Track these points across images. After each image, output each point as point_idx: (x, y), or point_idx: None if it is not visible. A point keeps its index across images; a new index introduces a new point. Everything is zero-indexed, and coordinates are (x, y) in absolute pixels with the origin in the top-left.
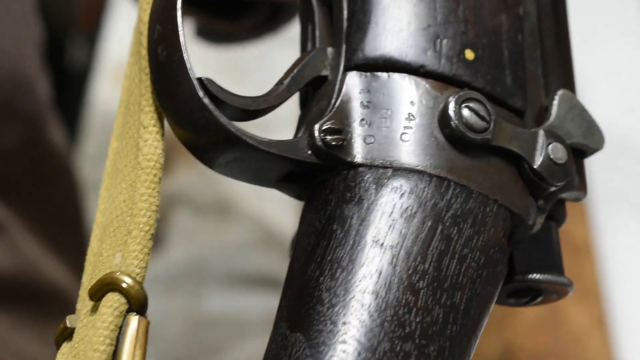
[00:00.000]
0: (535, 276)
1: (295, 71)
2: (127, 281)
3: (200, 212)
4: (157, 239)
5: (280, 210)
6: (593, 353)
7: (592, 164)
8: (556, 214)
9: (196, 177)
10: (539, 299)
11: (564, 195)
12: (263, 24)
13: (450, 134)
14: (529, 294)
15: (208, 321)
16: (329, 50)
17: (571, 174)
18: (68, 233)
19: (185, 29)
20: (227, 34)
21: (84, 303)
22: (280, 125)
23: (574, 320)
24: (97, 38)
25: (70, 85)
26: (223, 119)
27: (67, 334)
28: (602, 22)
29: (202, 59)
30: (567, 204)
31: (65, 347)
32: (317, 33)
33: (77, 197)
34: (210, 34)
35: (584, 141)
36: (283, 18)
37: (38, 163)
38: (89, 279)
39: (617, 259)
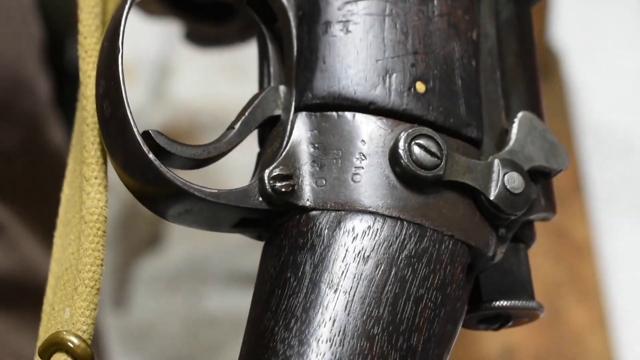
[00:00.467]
0: (503, 303)
1: (246, 114)
2: (73, 341)
3: None
4: (157, 238)
5: None
6: (593, 353)
7: (593, 164)
8: (524, 237)
9: (196, 176)
10: (510, 324)
11: (531, 217)
12: (250, 27)
13: (401, 173)
14: (499, 320)
15: (208, 320)
16: (282, 88)
17: (530, 201)
18: None
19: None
20: (215, 37)
21: (37, 358)
22: None
23: (574, 320)
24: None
25: (70, 85)
26: (170, 174)
27: None
28: (603, 22)
29: (204, 58)
30: (567, 204)
31: None
32: (272, 70)
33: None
34: (198, 37)
35: (546, 164)
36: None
37: (38, 164)
38: (44, 330)
39: (618, 259)
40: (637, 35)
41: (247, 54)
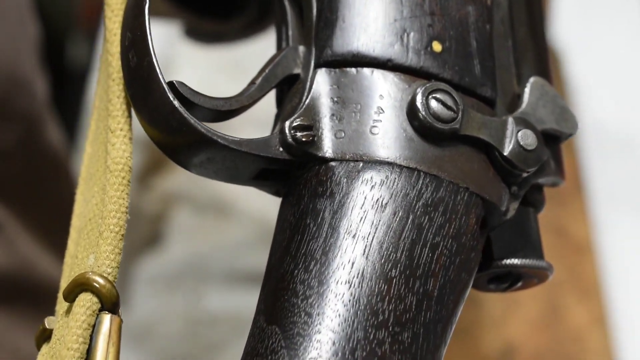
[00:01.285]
0: (514, 261)
1: (267, 71)
2: (99, 281)
3: (200, 211)
4: (157, 237)
5: None
6: (593, 352)
7: (594, 163)
8: (534, 200)
9: (196, 175)
10: (519, 284)
11: (540, 180)
12: (252, 24)
13: (418, 126)
14: (509, 280)
15: (208, 319)
16: (301, 48)
17: (542, 160)
18: (65, 233)
19: (177, 29)
20: (216, 34)
21: (61, 304)
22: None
23: (575, 318)
24: (98, 37)
25: (70, 84)
26: (193, 120)
27: (47, 335)
28: (603, 21)
29: (205, 58)
30: (567, 202)
31: (44, 348)
32: (290, 33)
33: (75, 197)
34: (199, 34)
35: (556, 127)
36: (271, 19)
37: (35, 163)
38: (66, 281)
39: (618, 258)
40: (638, 34)
41: (248, 53)
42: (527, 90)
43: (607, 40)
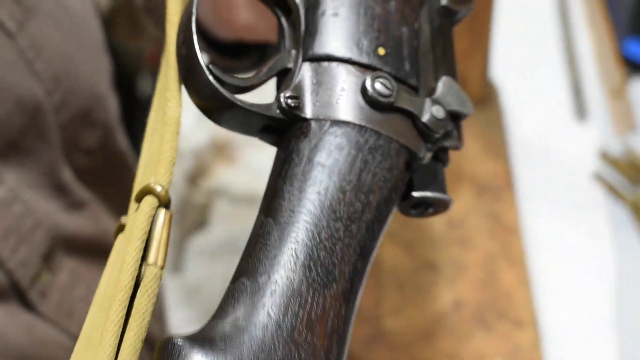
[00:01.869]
0: (427, 194)
1: (270, 64)
2: (157, 189)
3: (235, 202)
4: (204, 222)
5: None
6: (519, 305)
7: (521, 168)
8: (442, 158)
9: (232, 175)
10: (430, 210)
11: (446, 143)
12: (255, 63)
13: (368, 99)
14: (423, 207)
15: None
16: (293, 51)
17: (448, 128)
18: None
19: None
20: (232, 68)
21: (132, 207)
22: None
23: (506, 280)
24: None
25: (139, 112)
26: (223, 90)
27: (122, 228)
28: (530, 63)
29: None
30: (501, 196)
31: (120, 236)
32: (286, 42)
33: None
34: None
35: (459, 108)
36: (268, 60)
37: (111, 160)
38: (134, 194)
39: (538, 237)
40: (556, 72)
41: None
42: (440, 84)
43: (532, 77)
